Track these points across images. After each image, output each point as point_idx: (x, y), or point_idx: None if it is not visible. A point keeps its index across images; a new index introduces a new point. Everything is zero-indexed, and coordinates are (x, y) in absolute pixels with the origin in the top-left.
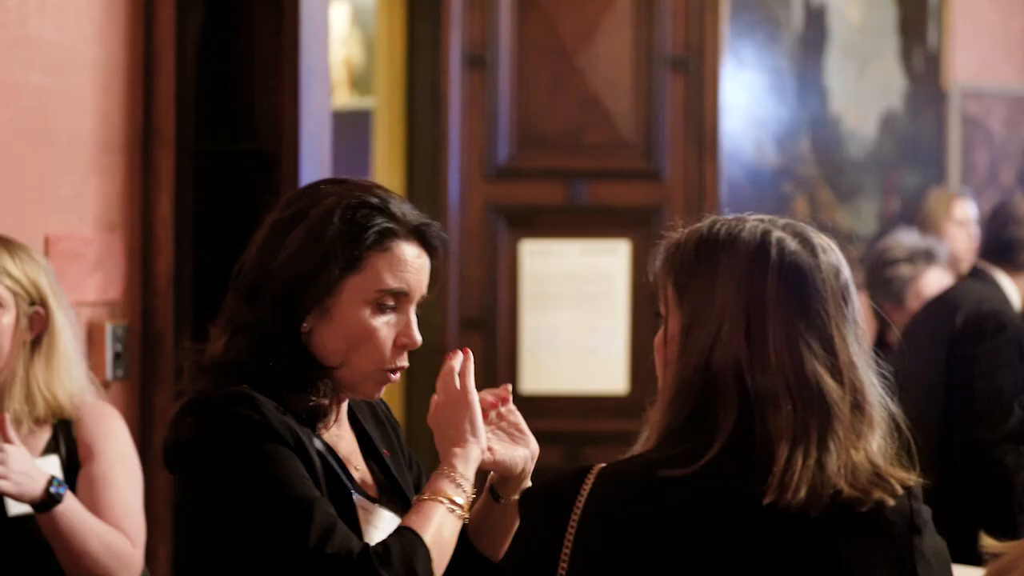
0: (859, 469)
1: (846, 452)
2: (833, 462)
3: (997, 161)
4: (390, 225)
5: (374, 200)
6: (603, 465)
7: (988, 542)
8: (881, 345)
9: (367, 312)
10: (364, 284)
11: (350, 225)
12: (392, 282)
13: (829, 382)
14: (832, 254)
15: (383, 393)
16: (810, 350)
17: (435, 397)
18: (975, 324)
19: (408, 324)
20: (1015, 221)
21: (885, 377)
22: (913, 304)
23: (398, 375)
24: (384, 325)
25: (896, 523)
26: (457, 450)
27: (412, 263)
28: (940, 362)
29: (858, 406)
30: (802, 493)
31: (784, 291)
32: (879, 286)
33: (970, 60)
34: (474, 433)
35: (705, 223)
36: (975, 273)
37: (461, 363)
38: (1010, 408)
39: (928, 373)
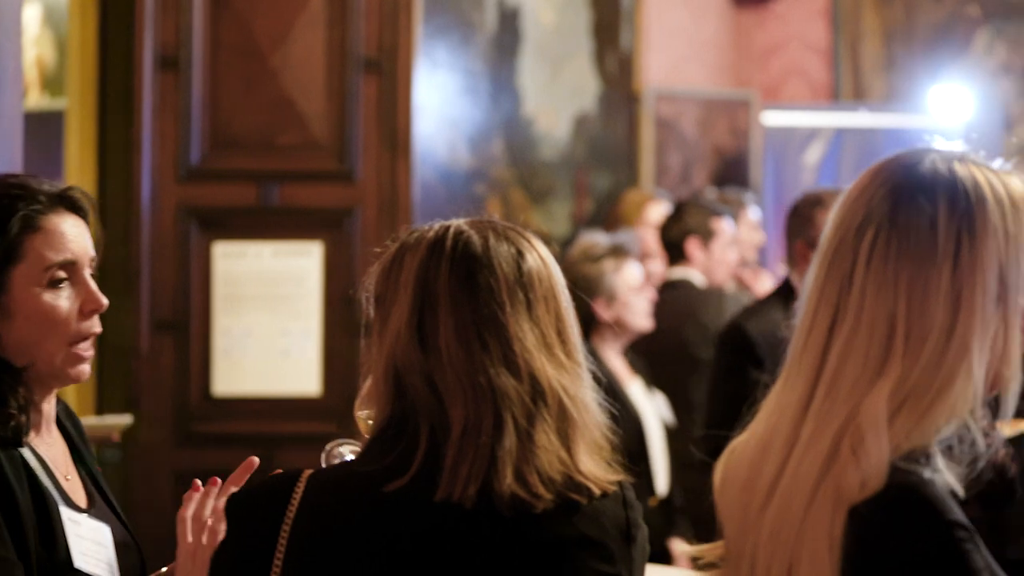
0: (544, 466)
1: (524, 447)
2: (509, 457)
3: (690, 162)
4: (33, 206)
5: (9, 188)
6: (311, 472)
7: (681, 547)
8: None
9: (43, 294)
10: (29, 269)
11: None
12: (55, 256)
13: (502, 375)
14: (514, 246)
15: (86, 376)
16: (480, 342)
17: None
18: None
19: (88, 289)
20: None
21: (598, 380)
22: (624, 297)
23: (92, 340)
24: (64, 300)
25: (612, 533)
26: None
27: (69, 232)
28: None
29: (542, 398)
30: (472, 489)
31: (455, 282)
32: (586, 284)
33: (663, 62)
34: None
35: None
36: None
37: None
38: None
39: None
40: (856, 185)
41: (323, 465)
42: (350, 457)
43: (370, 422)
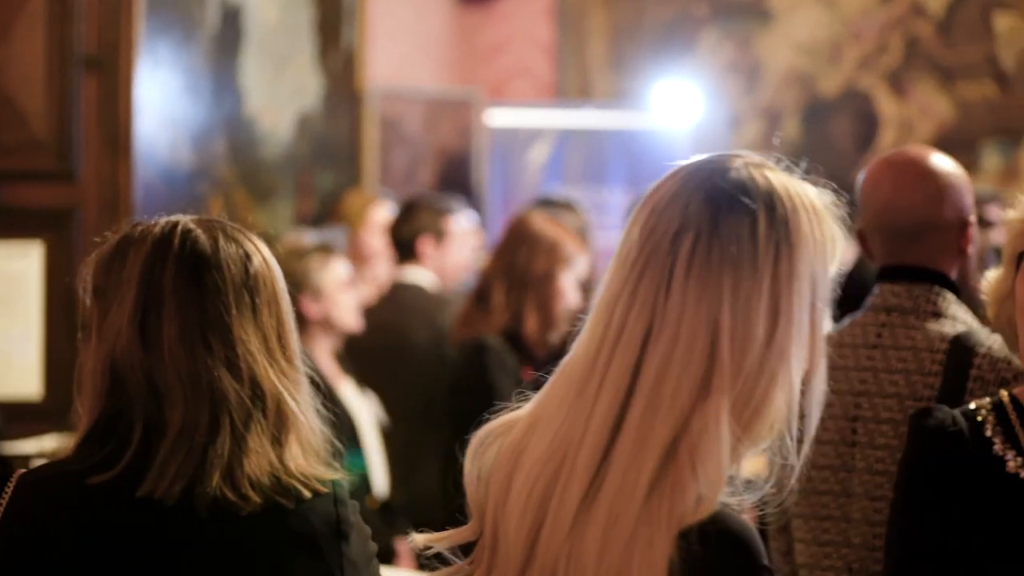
0: (254, 469)
1: (238, 449)
2: (219, 459)
3: (414, 162)
4: None
5: None
6: (23, 472)
7: (418, 538)
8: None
9: None
10: None
11: None
12: None
13: (224, 377)
14: (242, 248)
15: None
16: (204, 343)
17: None
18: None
19: None
20: None
21: (315, 384)
22: (331, 294)
23: None
24: None
25: (321, 530)
26: None
27: None
28: None
29: (261, 402)
30: (177, 488)
31: (181, 281)
32: (292, 280)
33: (387, 61)
34: None
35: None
36: None
37: None
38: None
39: None
40: (663, 191)
41: None
42: None
43: None
